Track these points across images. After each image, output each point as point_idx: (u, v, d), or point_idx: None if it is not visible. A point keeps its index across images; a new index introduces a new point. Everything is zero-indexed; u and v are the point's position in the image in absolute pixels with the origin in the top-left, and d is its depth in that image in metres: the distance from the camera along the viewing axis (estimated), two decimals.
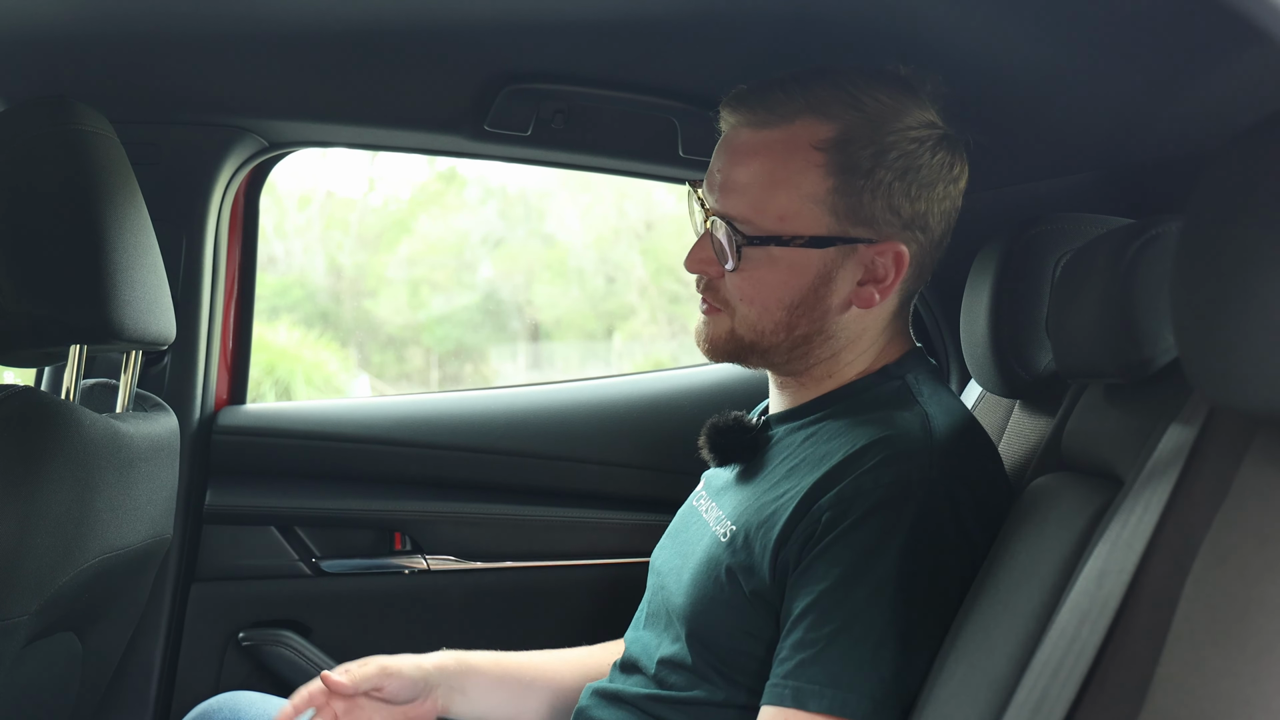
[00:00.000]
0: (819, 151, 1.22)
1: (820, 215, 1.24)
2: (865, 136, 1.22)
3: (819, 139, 1.23)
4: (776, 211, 1.24)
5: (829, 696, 1.10)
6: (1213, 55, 1.12)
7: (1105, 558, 0.91)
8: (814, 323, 1.28)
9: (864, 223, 1.24)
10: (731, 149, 1.27)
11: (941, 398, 1.30)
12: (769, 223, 1.24)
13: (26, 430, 1.30)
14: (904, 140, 1.23)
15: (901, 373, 1.31)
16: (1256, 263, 0.75)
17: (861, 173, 1.22)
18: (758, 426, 1.36)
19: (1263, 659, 0.72)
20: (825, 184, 1.23)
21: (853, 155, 1.22)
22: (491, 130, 1.74)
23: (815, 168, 1.23)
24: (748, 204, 1.24)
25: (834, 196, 1.23)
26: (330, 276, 12.10)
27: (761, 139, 1.25)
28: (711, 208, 1.28)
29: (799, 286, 1.26)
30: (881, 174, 1.23)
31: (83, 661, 1.58)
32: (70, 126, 1.39)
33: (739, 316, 1.29)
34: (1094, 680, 0.84)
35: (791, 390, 1.35)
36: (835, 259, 1.25)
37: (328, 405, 2.11)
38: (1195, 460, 0.89)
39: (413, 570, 1.94)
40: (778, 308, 1.27)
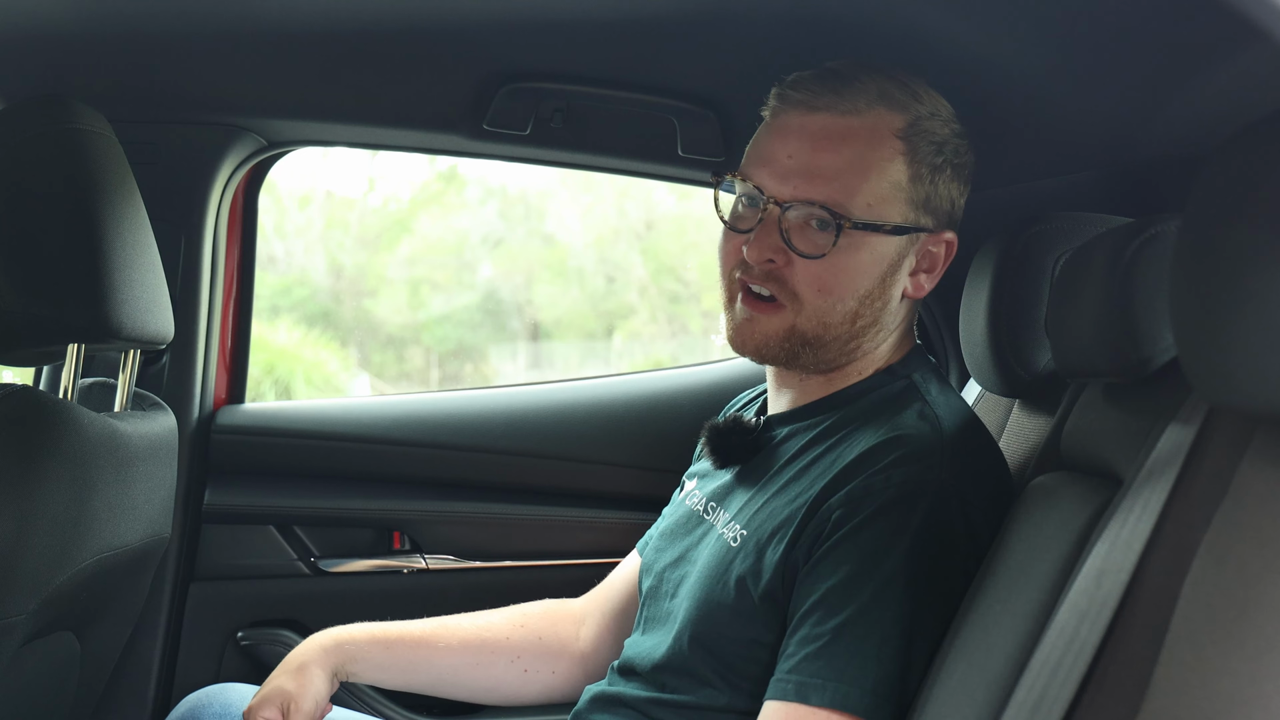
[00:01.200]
0: (900, 140, 1.25)
1: (901, 203, 1.26)
2: (931, 128, 1.27)
3: (897, 128, 1.26)
4: (867, 198, 1.24)
5: (831, 690, 1.10)
6: (1212, 54, 1.12)
7: (1104, 557, 0.91)
8: (875, 313, 1.29)
9: (931, 212, 1.29)
10: (809, 134, 1.25)
11: (948, 397, 1.30)
12: (859, 209, 1.24)
13: (24, 429, 1.30)
14: (954, 134, 1.29)
15: (907, 372, 1.32)
16: (1255, 262, 0.75)
17: (932, 164, 1.27)
18: (758, 427, 1.36)
19: (1261, 658, 0.72)
20: (906, 172, 1.26)
21: (924, 145, 1.26)
22: (490, 129, 1.74)
23: (898, 156, 1.26)
24: (840, 189, 1.24)
25: (911, 185, 1.26)
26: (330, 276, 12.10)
27: (846, 124, 1.25)
28: (784, 195, 1.25)
29: (874, 275, 1.27)
30: (948, 166, 1.28)
31: (81, 661, 1.58)
32: (68, 126, 1.39)
33: (807, 309, 1.26)
34: (1093, 679, 0.84)
35: (794, 390, 1.35)
36: (905, 248, 1.28)
37: (326, 405, 2.11)
38: (1194, 459, 0.89)
39: (411, 570, 1.94)
40: (852, 297, 1.27)
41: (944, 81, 1.33)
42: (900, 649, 1.11)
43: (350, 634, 1.48)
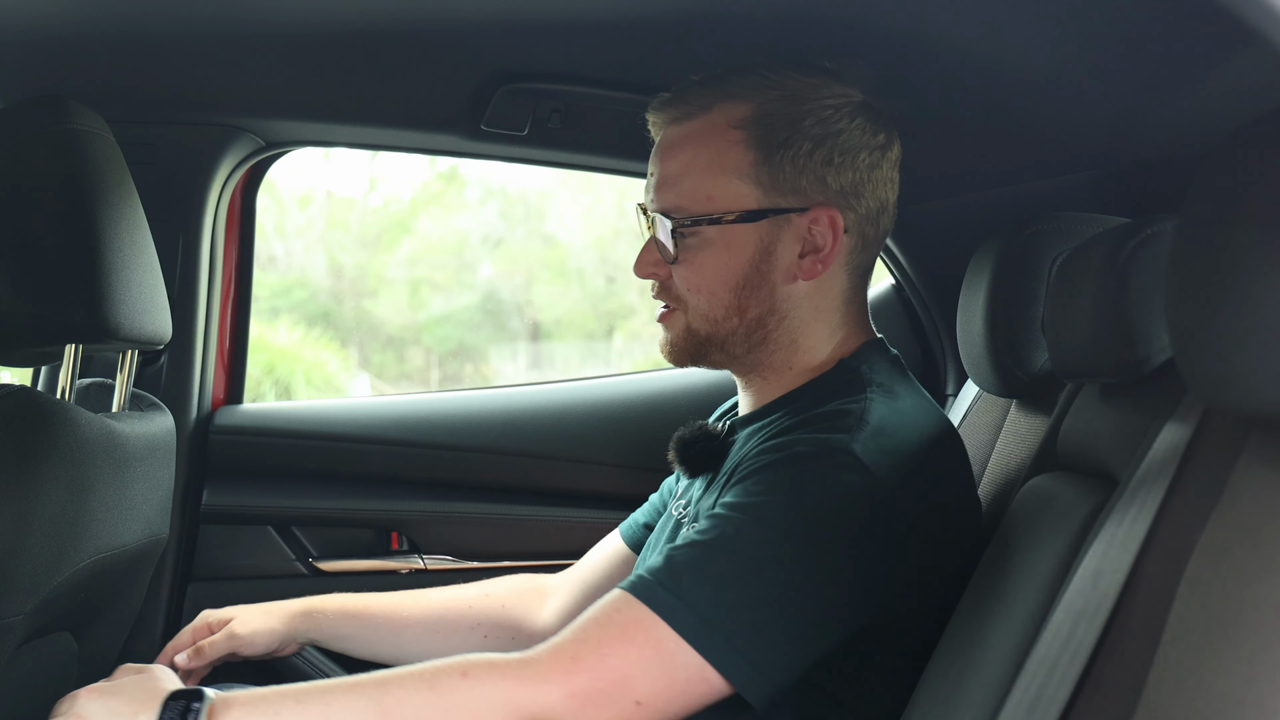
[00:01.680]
0: (737, 129, 1.26)
1: (748, 190, 1.26)
2: (781, 109, 1.26)
3: (736, 118, 1.27)
4: (705, 193, 1.27)
5: (654, 591, 1.08)
6: (1209, 56, 1.12)
7: (1100, 557, 0.91)
8: (763, 302, 1.28)
9: (792, 192, 1.27)
10: (660, 149, 1.32)
11: (893, 387, 1.26)
12: (699, 205, 1.27)
13: (22, 430, 1.30)
14: (819, 109, 1.27)
15: (857, 364, 1.29)
16: (1251, 262, 0.75)
17: (780, 143, 1.26)
18: (723, 433, 1.36)
19: (1257, 659, 0.72)
20: (747, 158, 1.26)
21: (770, 127, 1.26)
22: (488, 130, 1.74)
23: (736, 145, 1.26)
24: (680, 193, 1.28)
25: (756, 169, 1.26)
26: (330, 276, 12.11)
27: (684, 131, 1.30)
28: (652, 209, 1.32)
29: (740, 265, 1.27)
30: (800, 142, 1.26)
31: (79, 662, 1.58)
32: (66, 126, 1.39)
33: (691, 309, 1.30)
34: (1089, 679, 0.83)
35: (756, 389, 1.35)
36: (771, 232, 1.27)
37: (324, 405, 2.11)
38: (1190, 460, 0.89)
39: (409, 570, 1.94)
40: (724, 290, 1.28)
41: (942, 83, 1.34)
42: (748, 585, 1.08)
43: (322, 604, 1.54)
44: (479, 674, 1.05)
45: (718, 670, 1.06)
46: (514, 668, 1.05)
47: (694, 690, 1.07)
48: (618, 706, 1.04)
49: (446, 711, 1.03)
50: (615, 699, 1.04)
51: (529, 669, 1.05)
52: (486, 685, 1.04)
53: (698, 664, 1.06)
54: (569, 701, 1.04)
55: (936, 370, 2.05)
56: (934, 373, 2.05)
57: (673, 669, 1.06)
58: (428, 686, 1.05)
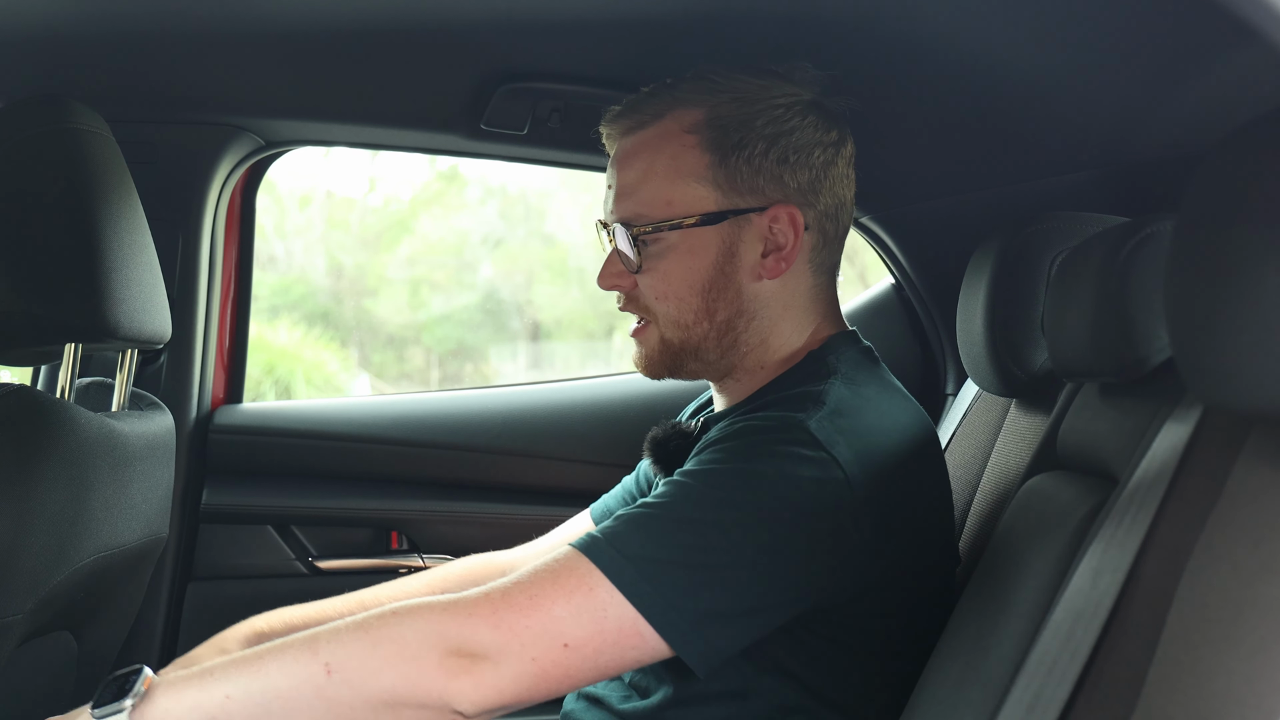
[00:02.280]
0: (691, 134, 1.27)
1: (706, 193, 1.27)
2: (732, 112, 1.27)
3: (689, 124, 1.28)
4: (663, 199, 1.27)
5: (596, 544, 1.08)
6: (1208, 55, 1.12)
7: (1100, 556, 0.91)
8: (731, 303, 1.29)
9: (750, 192, 1.27)
10: (616, 160, 1.32)
11: (857, 375, 1.26)
12: (659, 211, 1.27)
13: (21, 429, 1.30)
14: (770, 108, 1.27)
15: (824, 354, 1.29)
16: (1250, 261, 0.75)
17: (733, 144, 1.26)
18: (694, 430, 1.36)
19: (1256, 658, 0.72)
20: (703, 161, 1.27)
21: (724, 130, 1.27)
22: (488, 129, 1.74)
23: (690, 149, 1.27)
24: (638, 202, 1.28)
25: (713, 171, 1.27)
26: (330, 276, 12.11)
27: (638, 140, 1.30)
28: (611, 221, 1.31)
29: (705, 268, 1.27)
30: (754, 141, 1.27)
31: (78, 661, 1.58)
32: (66, 125, 1.39)
33: (662, 319, 1.30)
34: (1088, 679, 0.84)
35: (730, 390, 1.35)
36: (732, 233, 1.27)
37: (324, 404, 2.11)
38: (1189, 459, 0.89)
39: (409, 569, 1.94)
40: (691, 294, 1.28)
41: (940, 83, 1.34)
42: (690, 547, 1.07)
43: (269, 623, 1.49)
44: (408, 611, 1.06)
45: (652, 626, 1.05)
46: (444, 604, 1.06)
47: (626, 643, 1.06)
48: (544, 645, 1.04)
49: (377, 645, 1.03)
50: (541, 637, 1.04)
51: (459, 604, 1.06)
52: (415, 619, 1.05)
53: (631, 616, 1.05)
54: (494, 634, 1.03)
55: (936, 370, 2.05)
56: (933, 372, 2.06)
57: (604, 618, 1.05)
58: (359, 628, 1.05)
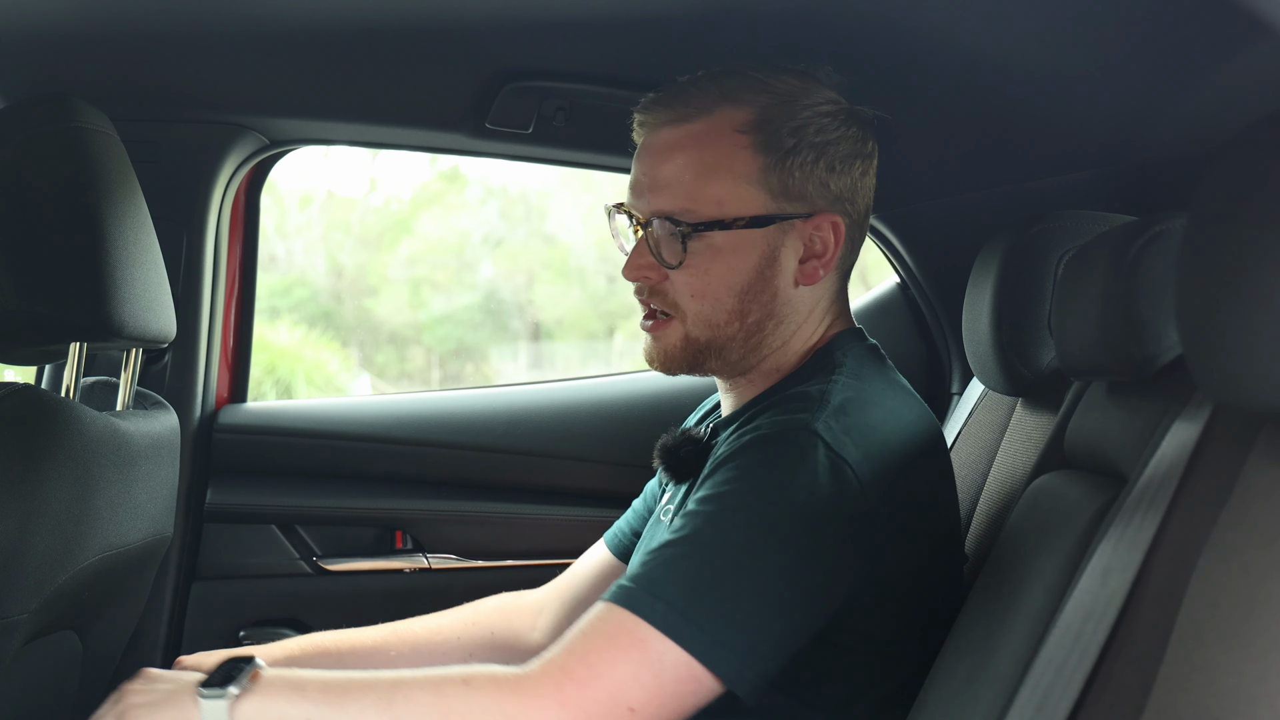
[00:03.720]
0: (743, 134, 1.25)
1: (756, 195, 1.25)
2: (782, 115, 1.25)
3: (740, 122, 1.25)
4: (713, 197, 1.25)
5: (633, 595, 1.08)
6: (1217, 51, 1.12)
7: (1109, 556, 0.91)
8: (764, 306, 1.28)
9: (797, 198, 1.26)
10: (654, 149, 1.29)
11: (861, 371, 1.26)
12: (708, 209, 1.25)
13: (26, 428, 1.30)
14: (817, 116, 1.27)
15: (830, 351, 1.29)
16: (1260, 259, 0.75)
17: (786, 149, 1.25)
18: (704, 438, 1.36)
19: (1268, 657, 0.72)
20: (755, 163, 1.25)
21: (775, 133, 1.25)
22: (492, 128, 1.74)
23: (743, 149, 1.25)
24: (683, 195, 1.25)
25: (765, 175, 1.25)
26: (331, 276, 12.12)
27: (684, 133, 1.27)
28: (643, 212, 1.28)
29: (746, 270, 1.26)
30: (805, 149, 1.25)
31: (83, 660, 1.58)
32: (71, 124, 1.39)
33: (691, 316, 1.28)
34: (1098, 678, 0.83)
35: (739, 390, 1.35)
36: (776, 237, 1.27)
37: (328, 404, 2.10)
38: (1199, 458, 0.88)
39: (413, 569, 1.94)
40: (728, 295, 1.27)
41: (948, 81, 1.33)
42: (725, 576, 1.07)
43: (300, 649, 1.48)
44: (480, 685, 1.05)
45: (704, 665, 1.05)
46: (511, 683, 1.05)
47: (685, 690, 1.06)
48: (610, 713, 1.04)
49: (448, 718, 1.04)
50: (608, 707, 1.04)
51: (524, 685, 1.05)
52: (486, 697, 1.05)
53: (685, 661, 1.05)
54: (562, 712, 1.03)
55: (942, 369, 2.05)
56: (939, 371, 2.05)
57: (661, 670, 1.05)
58: (433, 690, 1.05)
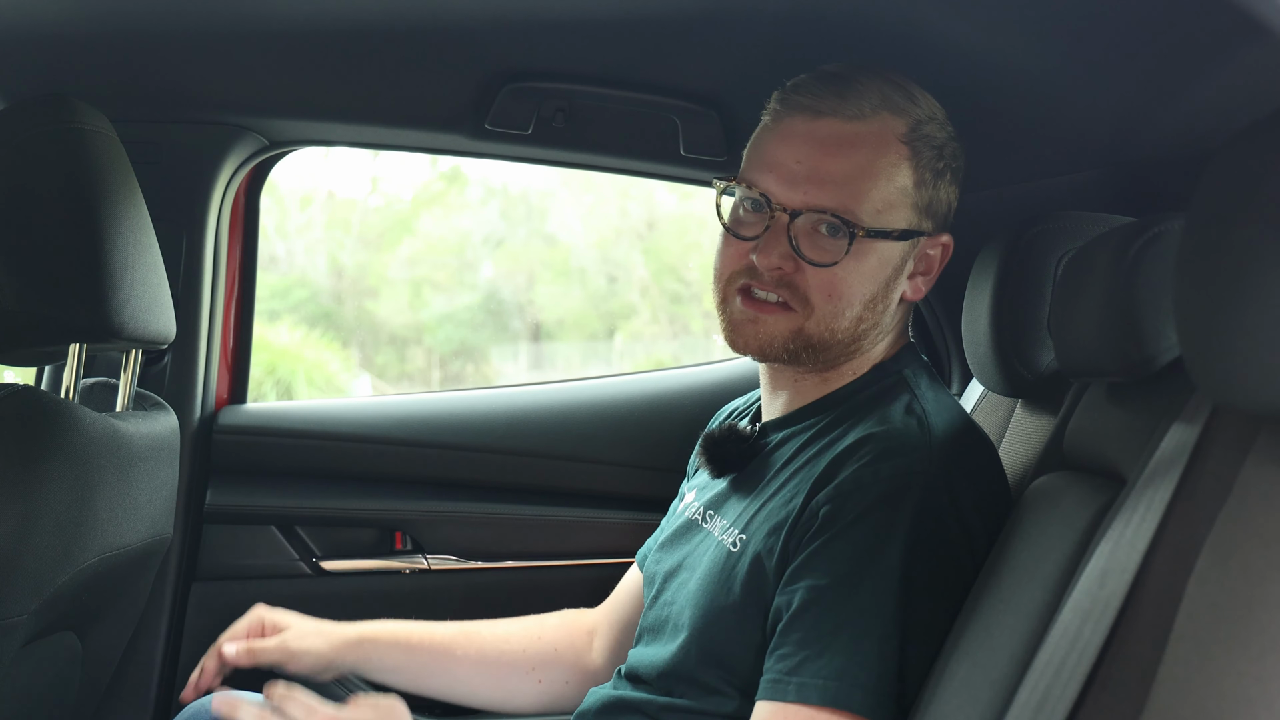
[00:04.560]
0: (904, 144, 1.25)
1: (907, 209, 1.26)
2: (929, 132, 1.26)
3: (901, 133, 1.25)
4: (875, 204, 1.24)
5: (833, 690, 1.10)
6: (1215, 51, 1.12)
7: (1108, 556, 0.91)
8: (876, 316, 1.28)
9: (932, 216, 1.28)
10: (817, 140, 1.24)
11: (937, 392, 1.30)
12: (869, 216, 1.23)
13: (26, 429, 1.30)
14: (950, 138, 1.29)
15: (899, 368, 1.31)
16: (1259, 260, 0.75)
17: (935, 169, 1.26)
18: (754, 435, 1.35)
19: (1266, 658, 0.72)
20: (911, 178, 1.25)
21: (925, 149, 1.26)
22: (492, 129, 1.74)
23: (904, 161, 1.25)
24: (849, 196, 1.23)
25: (917, 190, 1.26)
26: (332, 276, 12.12)
27: (853, 131, 1.24)
28: (795, 202, 1.24)
29: (879, 280, 1.26)
30: (948, 172, 1.28)
31: (83, 661, 1.58)
32: (70, 125, 1.39)
33: (817, 314, 1.25)
34: (1096, 679, 0.83)
35: (788, 392, 1.34)
36: (908, 251, 1.28)
37: (328, 405, 2.10)
38: (1198, 459, 0.88)
39: (413, 570, 1.94)
40: (859, 302, 1.26)
41: (946, 80, 1.33)
42: (898, 647, 1.11)
43: (374, 633, 1.54)
44: None
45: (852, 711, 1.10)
46: None
47: None
48: None
49: None
50: None
51: None
52: None
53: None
54: None
55: (941, 370, 2.05)
56: (938, 372, 2.05)
57: None
58: None
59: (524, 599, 1.94)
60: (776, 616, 1.18)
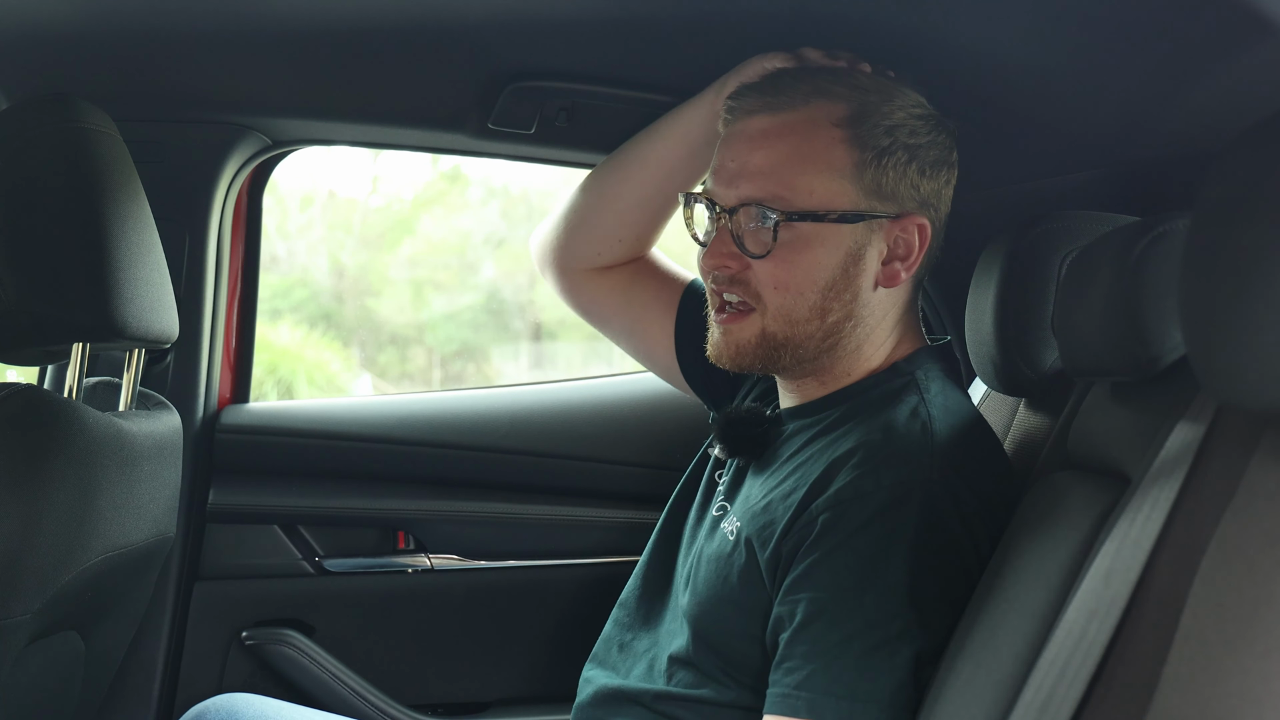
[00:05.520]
0: (839, 129, 1.25)
1: (848, 190, 1.25)
2: (877, 113, 1.26)
3: (836, 117, 1.25)
4: (805, 188, 1.24)
5: (845, 708, 1.10)
6: (1219, 50, 1.12)
7: (1113, 556, 0.91)
8: (845, 305, 1.28)
9: (887, 197, 1.27)
10: (747, 137, 1.28)
11: (949, 396, 1.29)
12: (801, 200, 1.24)
13: (29, 428, 1.30)
14: (910, 118, 1.28)
15: (911, 369, 1.31)
16: (1264, 260, 0.75)
17: (880, 148, 1.25)
18: (770, 419, 1.35)
19: (1271, 658, 0.72)
20: (849, 159, 1.25)
21: (870, 131, 1.25)
22: (495, 128, 1.74)
23: (837, 144, 1.25)
24: (777, 184, 1.24)
25: (859, 171, 1.25)
26: (333, 276, 12.11)
27: (779, 122, 1.26)
28: (730, 199, 1.27)
29: (831, 266, 1.26)
30: (899, 149, 1.26)
31: (85, 660, 1.58)
32: (73, 124, 1.39)
33: (772, 309, 1.27)
34: (1101, 679, 0.83)
35: (804, 388, 1.35)
36: (864, 235, 1.27)
37: (331, 404, 2.10)
38: (1203, 459, 0.88)
39: (416, 569, 1.94)
40: (812, 290, 1.26)
41: (949, 80, 1.33)
42: (908, 658, 1.11)
43: None
44: None
45: None
46: None
47: None
48: None
49: None
50: None
51: None
52: None
53: None
54: None
55: None
56: None
57: None
58: None
59: (527, 597, 1.94)
60: (778, 626, 1.17)
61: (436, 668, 1.93)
